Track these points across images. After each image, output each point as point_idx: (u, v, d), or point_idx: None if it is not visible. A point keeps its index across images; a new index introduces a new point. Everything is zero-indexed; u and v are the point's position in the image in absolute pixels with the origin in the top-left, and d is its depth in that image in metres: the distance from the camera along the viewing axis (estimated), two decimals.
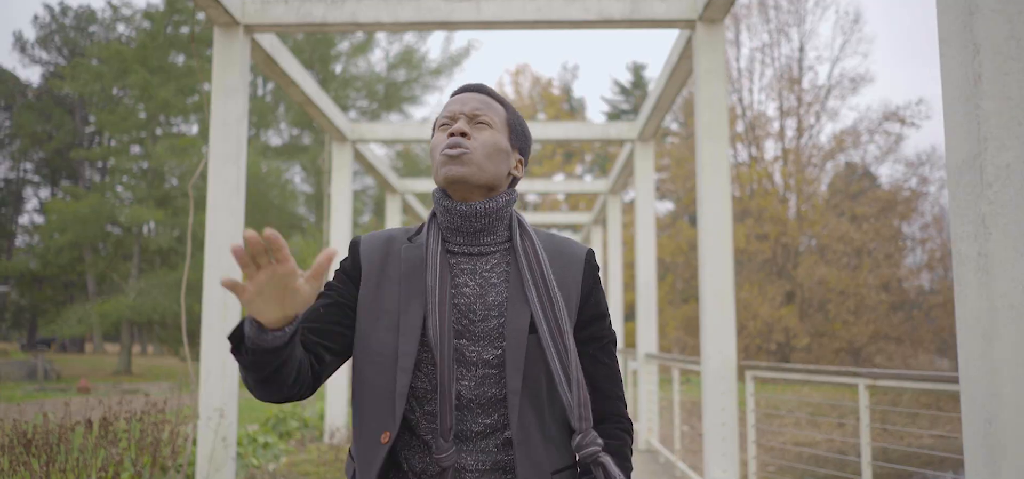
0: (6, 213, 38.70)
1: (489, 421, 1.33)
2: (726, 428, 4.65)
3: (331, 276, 1.59)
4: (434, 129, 1.47)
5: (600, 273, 1.53)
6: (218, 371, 4.50)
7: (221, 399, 4.47)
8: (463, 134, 1.38)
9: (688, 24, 4.89)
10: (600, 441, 1.32)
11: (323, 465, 6.21)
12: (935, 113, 21.50)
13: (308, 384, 1.32)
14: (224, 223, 4.67)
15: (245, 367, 1.21)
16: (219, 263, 4.61)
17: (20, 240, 37.64)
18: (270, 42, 5.25)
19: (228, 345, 1.23)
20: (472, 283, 1.37)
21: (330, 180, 7.73)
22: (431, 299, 1.33)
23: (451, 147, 1.36)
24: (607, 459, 1.32)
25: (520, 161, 1.49)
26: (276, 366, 1.20)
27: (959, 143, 1.74)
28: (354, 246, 1.46)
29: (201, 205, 14.50)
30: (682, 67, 5.63)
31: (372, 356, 1.35)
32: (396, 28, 4.91)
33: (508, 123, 1.45)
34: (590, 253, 1.48)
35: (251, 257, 1.06)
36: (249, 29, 4.88)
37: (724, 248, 4.70)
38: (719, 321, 4.61)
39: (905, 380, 3.69)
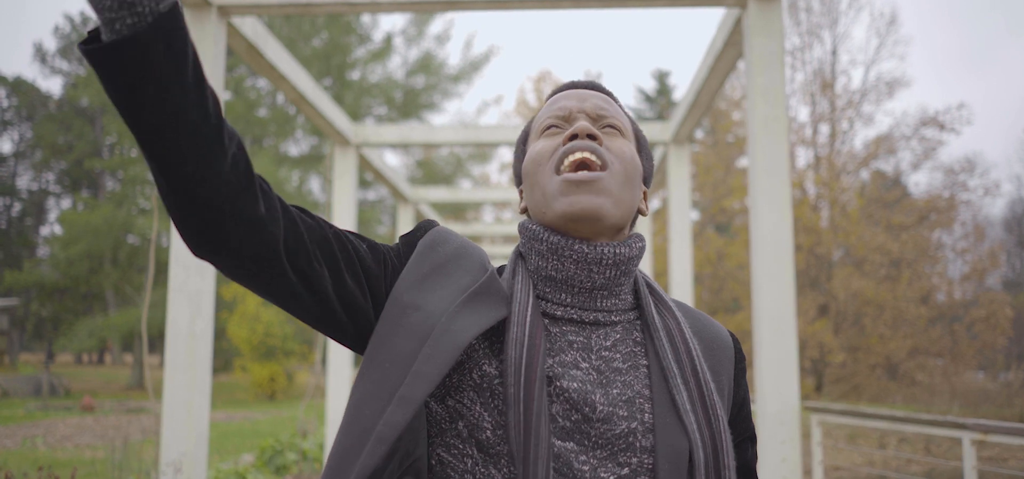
0: (29, 224, 38.66)
1: None
2: None
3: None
4: (530, 136, 1.05)
5: None
6: (182, 417, 3.80)
7: (183, 448, 3.76)
8: (593, 138, 0.95)
9: (738, 1, 4.15)
10: None
11: None
12: (976, 118, 20.56)
13: (245, 217, 0.80)
14: None
15: (105, 78, 0.73)
16: (185, 288, 3.91)
17: (43, 251, 37.53)
18: (252, 27, 4.56)
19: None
20: (585, 364, 0.93)
21: (332, 187, 7.04)
22: (514, 371, 0.86)
23: (577, 164, 0.93)
24: None
25: (645, 193, 1.06)
26: (135, 82, 0.72)
27: None
28: (423, 224, 1.03)
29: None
30: (727, 55, 4.87)
31: (373, 369, 0.87)
32: (395, 8, 4.21)
33: (636, 136, 1.05)
34: (737, 342, 1.08)
35: None
36: (224, 11, 4.19)
37: (784, 269, 3.94)
38: (779, 357, 3.85)
39: None
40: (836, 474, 7.79)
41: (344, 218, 6.91)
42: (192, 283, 3.89)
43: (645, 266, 9.82)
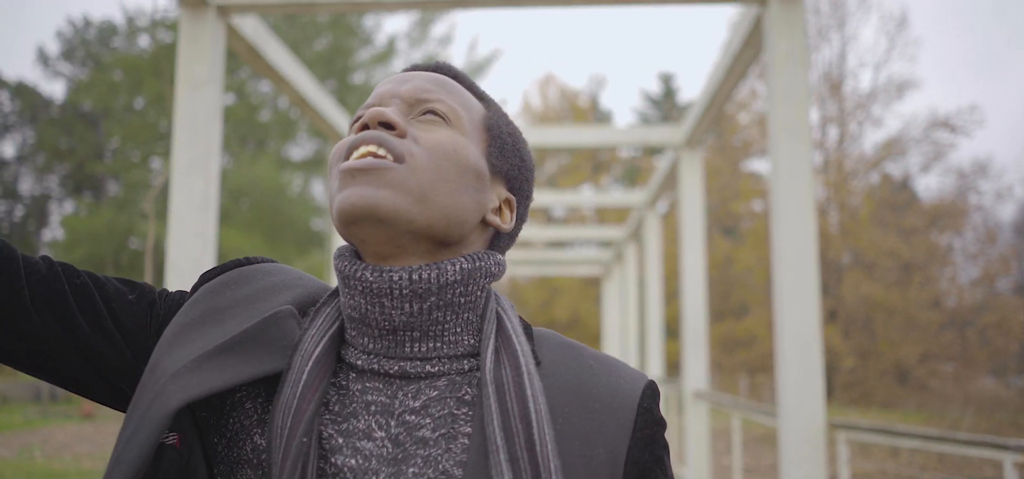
0: (31, 229, 38.60)
1: None
2: None
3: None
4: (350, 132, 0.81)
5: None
6: None
7: None
8: (387, 125, 0.73)
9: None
10: None
11: None
12: (988, 119, 20.35)
13: None
14: (189, 246, 3.80)
15: None
16: None
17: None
18: (252, 27, 4.39)
19: None
20: (381, 433, 0.70)
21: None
22: (277, 451, 0.66)
23: (358, 152, 0.72)
24: None
25: (508, 202, 0.83)
26: None
27: None
28: (225, 265, 0.83)
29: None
30: (745, 56, 4.69)
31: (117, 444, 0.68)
32: (399, 7, 4.03)
33: (486, 126, 0.82)
34: (648, 392, 0.76)
35: None
36: (223, 10, 4.02)
37: (807, 278, 3.75)
38: (803, 372, 3.66)
39: None
40: None
41: None
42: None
43: (653, 271, 9.58)
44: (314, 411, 0.68)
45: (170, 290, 0.84)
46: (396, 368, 0.73)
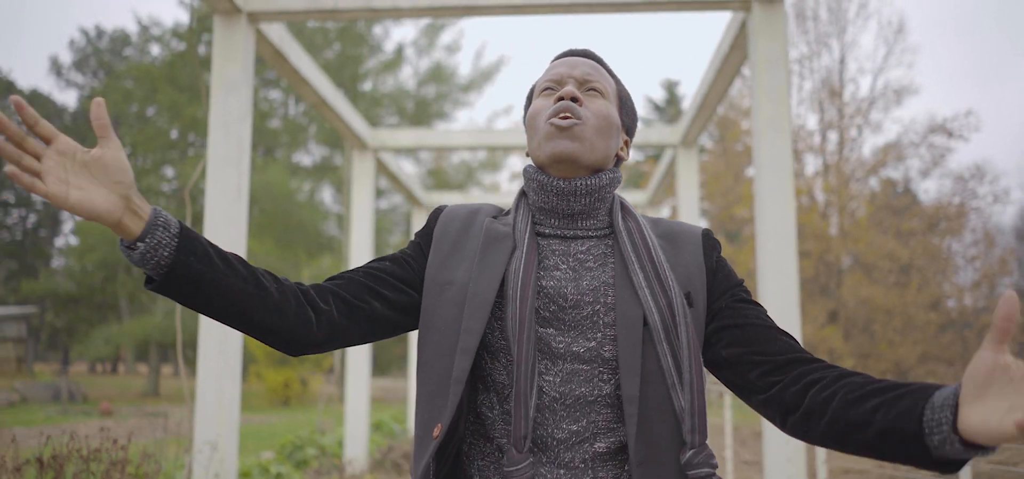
0: (44, 235, 39.07)
1: (575, 428, 1.15)
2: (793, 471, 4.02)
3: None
4: (532, 96, 1.34)
5: None
6: (214, 402, 3.99)
7: (216, 431, 3.95)
8: (575, 100, 1.23)
9: (743, 5, 4.33)
10: (715, 461, 1.11)
11: None
12: (985, 125, 20.59)
13: (304, 320, 1.16)
14: (223, 233, 4.17)
15: (173, 298, 1.08)
16: None
17: (57, 262, 37.88)
18: (278, 33, 4.77)
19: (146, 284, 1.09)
20: (564, 266, 1.22)
21: (350, 192, 7.23)
22: (513, 282, 1.17)
23: (561, 116, 1.21)
24: None
25: (627, 142, 1.35)
26: (194, 290, 1.06)
27: None
28: (432, 215, 1.36)
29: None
30: (734, 58, 5.06)
31: (432, 334, 1.21)
32: (416, 14, 4.40)
33: (619, 96, 1.33)
34: (707, 231, 1.31)
35: (14, 143, 0.95)
36: (253, 18, 4.40)
37: (787, 264, 4.10)
38: None
39: None
40: (846, 477, 7.89)
41: (362, 222, 7.10)
42: None
43: None
44: (536, 262, 1.20)
45: (405, 249, 1.34)
46: (570, 234, 1.25)
